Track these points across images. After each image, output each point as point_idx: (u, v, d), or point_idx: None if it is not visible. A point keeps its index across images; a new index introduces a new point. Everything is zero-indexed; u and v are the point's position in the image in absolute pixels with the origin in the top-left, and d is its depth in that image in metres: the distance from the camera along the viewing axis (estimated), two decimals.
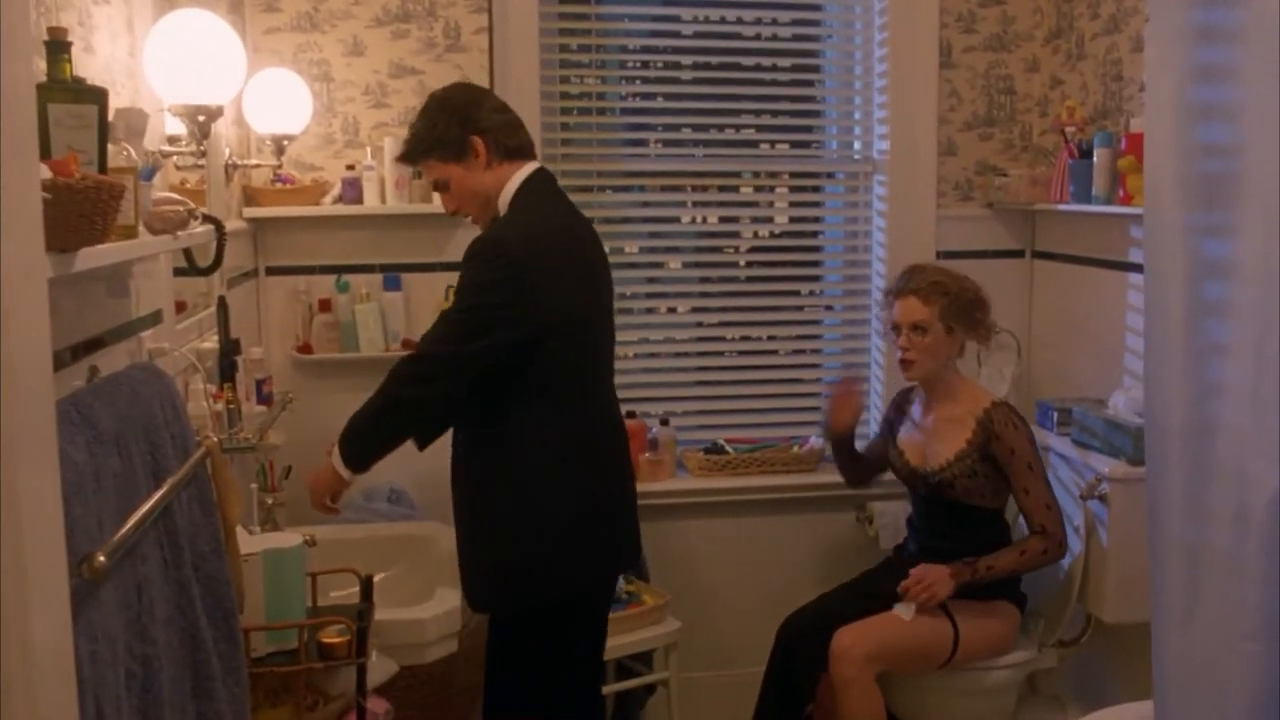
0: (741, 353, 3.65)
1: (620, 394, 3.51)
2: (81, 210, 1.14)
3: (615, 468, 2.43)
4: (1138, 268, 3.02)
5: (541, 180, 2.33)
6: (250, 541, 1.89)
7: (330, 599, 2.21)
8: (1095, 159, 2.99)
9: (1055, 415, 3.14)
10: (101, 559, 1.19)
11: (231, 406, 2.24)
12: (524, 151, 2.31)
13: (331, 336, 3.13)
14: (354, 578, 2.13)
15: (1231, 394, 2.13)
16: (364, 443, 2.27)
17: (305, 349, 3.14)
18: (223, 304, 2.34)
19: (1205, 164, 2.14)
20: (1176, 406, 2.25)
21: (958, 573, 2.77)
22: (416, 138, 2.28)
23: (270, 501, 2.61)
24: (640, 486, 3.32)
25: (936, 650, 2.79)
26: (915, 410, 3.01)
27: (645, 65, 3.50)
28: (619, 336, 3.51)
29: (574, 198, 3.40)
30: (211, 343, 2.37)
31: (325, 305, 3.13)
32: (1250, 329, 2.08)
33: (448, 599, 2.39)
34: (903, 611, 2.77)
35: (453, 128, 2.23)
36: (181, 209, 1.61)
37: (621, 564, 2.48)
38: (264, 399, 2.58)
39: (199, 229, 1.77)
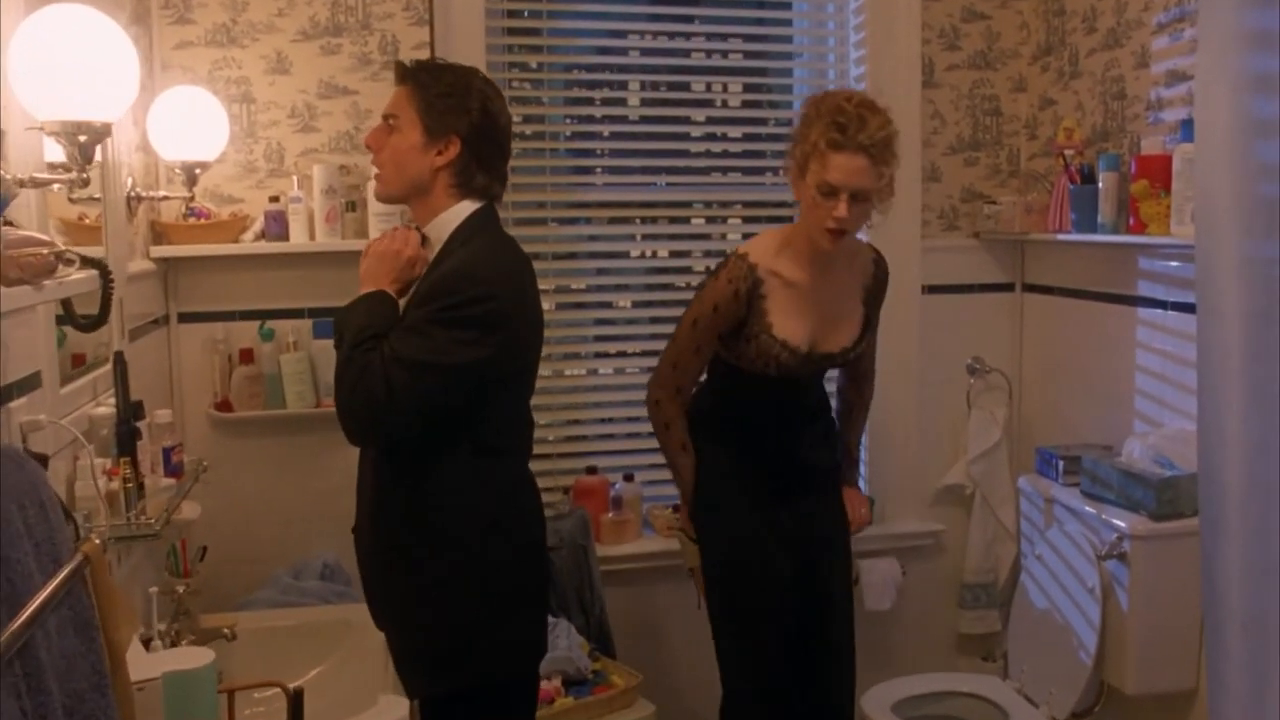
0: None
1: (574, 447, 3.23)
2: None
3: (542, 528, 2.18)
4: (1149, 302, 2.77)
5: (491, 214, 2.06)
6: (146, 663, 1.52)
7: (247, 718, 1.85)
8: (1101, 184, 2.74)
9: (1060, 464, 2.87)
10: None
11: (129, 485, 1.86)
12: (480, 196, 2.02)
13: (254, 391, 2.76)
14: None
15: None
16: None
17: (224, 406, 2.76)
18: (120, 361, 1.96)
19: (1266, 187, 1.88)
20: (1235, 460, 1.97)
21: (855, 484, 2.72)
22: (436, 75, 1.98)
23: (182, 590, 2.22)
24: (604, 550, 3.06)
25: None
26: (796, 285, 2.38)
27: (592, 86, 3.19)
28: (567, 383, 3.22)
29: (522, 231, 3.14)
30: (108, 407, 1.99)
31: (246, 356, 2.76)
32: None
33: (393, 706, 2.03)
34: None
35: (459, 116, 1.95)
36: (46, 252, 1.26)
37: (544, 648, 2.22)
38: (173, 470, 2.21)
39: (76, 275, 1.41)
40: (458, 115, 1.96)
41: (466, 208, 1.99)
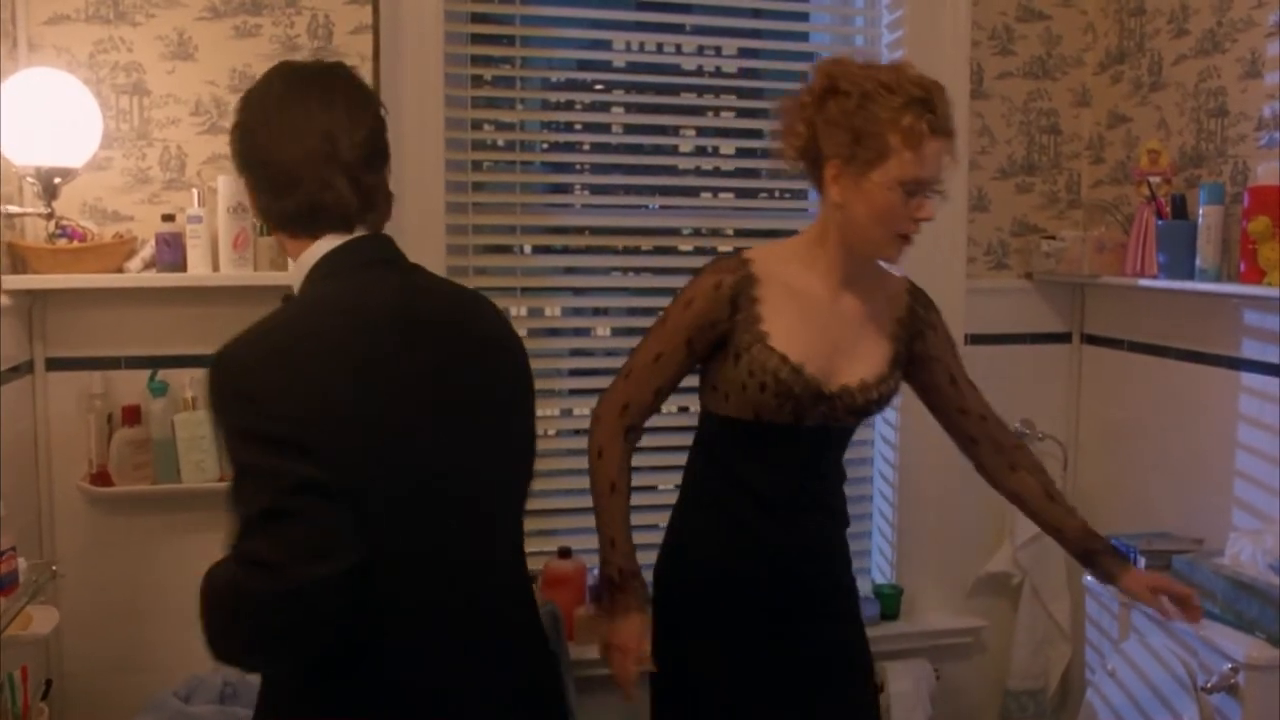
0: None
1: (552, 524, 2.67)
2: None
3: None
4: (1258, 365, 2.26)
5: (355, 250, 1.40)
6: None
7: None
8: (1201, 220, 2.23)
9: (1142, 561, 2.34)
10: None
11: None
12: (336, 226, 1.39)
13: (140, 460, 2.18)
14: None
15: None
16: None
17: (101, 478, 2.19)
18: None
19: None
20: None
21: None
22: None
23: None
24: (579, 652, 2.51)
25: None
26: (803, 294, 1.83)
27: (564, 88, 2.66)
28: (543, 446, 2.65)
29: (488, 260, 2.60)
30: None
31: (131, 415, 2.19)
32: None
33: None
34: None
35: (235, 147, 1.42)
36: None
37: None
38: (2, 585, 1.64)
39: None
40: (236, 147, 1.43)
41: (319, 249, 1.39)
